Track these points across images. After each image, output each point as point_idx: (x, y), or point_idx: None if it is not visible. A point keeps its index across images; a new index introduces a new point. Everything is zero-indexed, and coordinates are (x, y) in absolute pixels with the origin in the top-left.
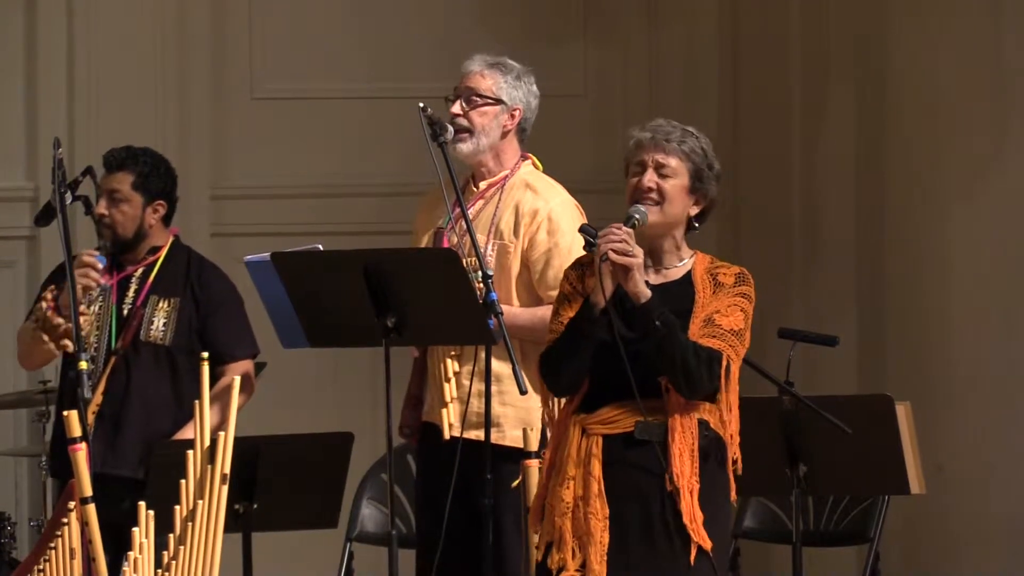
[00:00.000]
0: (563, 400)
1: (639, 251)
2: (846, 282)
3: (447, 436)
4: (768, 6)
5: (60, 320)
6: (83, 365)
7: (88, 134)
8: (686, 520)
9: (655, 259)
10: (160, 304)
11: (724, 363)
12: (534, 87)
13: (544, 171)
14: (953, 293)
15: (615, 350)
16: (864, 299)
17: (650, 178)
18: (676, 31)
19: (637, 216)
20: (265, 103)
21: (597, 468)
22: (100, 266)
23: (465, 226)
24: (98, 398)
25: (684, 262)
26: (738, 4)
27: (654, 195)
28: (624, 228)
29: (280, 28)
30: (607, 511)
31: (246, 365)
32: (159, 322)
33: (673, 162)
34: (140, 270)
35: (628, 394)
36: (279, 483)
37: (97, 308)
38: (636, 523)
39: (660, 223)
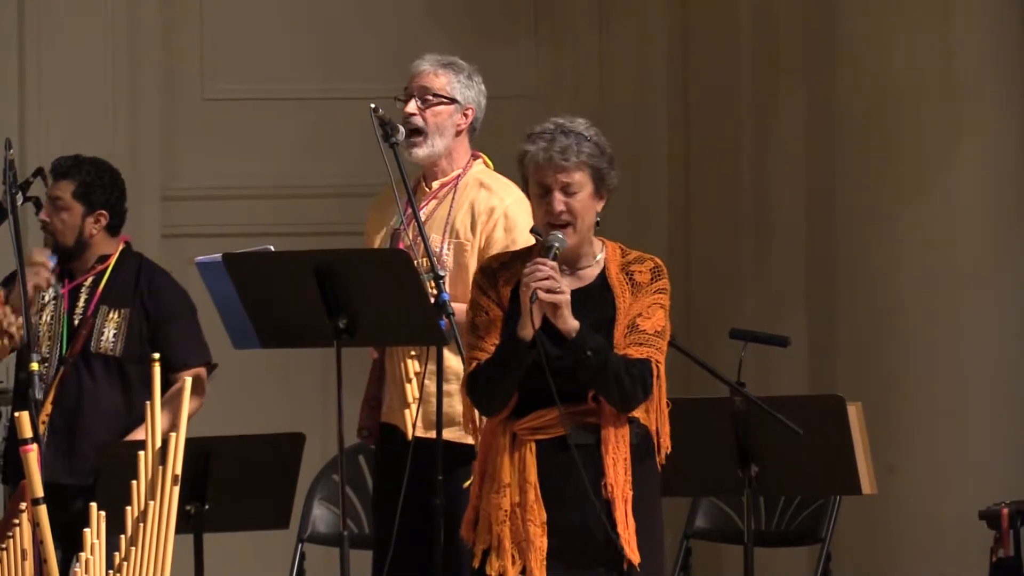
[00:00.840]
0: None
1: (565, 287)
2: (797, 282)
3: (410, 437)
4: (718, 4)
5: (7, 313)
6: (34, 366)
7: (39, 135)
8: (620, 530)
9: (569, 264)
10: (110, 315)
11: (654, 370)
12: (483, 86)
13: (495, 171)
14: (904, 293)
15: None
16: (815, 299)
17: (559, 203)
18: (626, 30)
19: (557, 245)
20: (216, 104)
21: (533, 474)
22: (51, 264)
23: (417, 227)
24: (47, 408)
25: (597, 258)
26: (688, 3)
27: (566, 216)
28: (548, 263)
29: (231, 29)
30: (544, 516)
31: (198, 372)
32: (109, 333)
33: (576, 176)
34: (90, 279)
35: (549, 399)
36: (230, 484)
37: (48, 317)
38: (573, 528)
39: (576, 240)
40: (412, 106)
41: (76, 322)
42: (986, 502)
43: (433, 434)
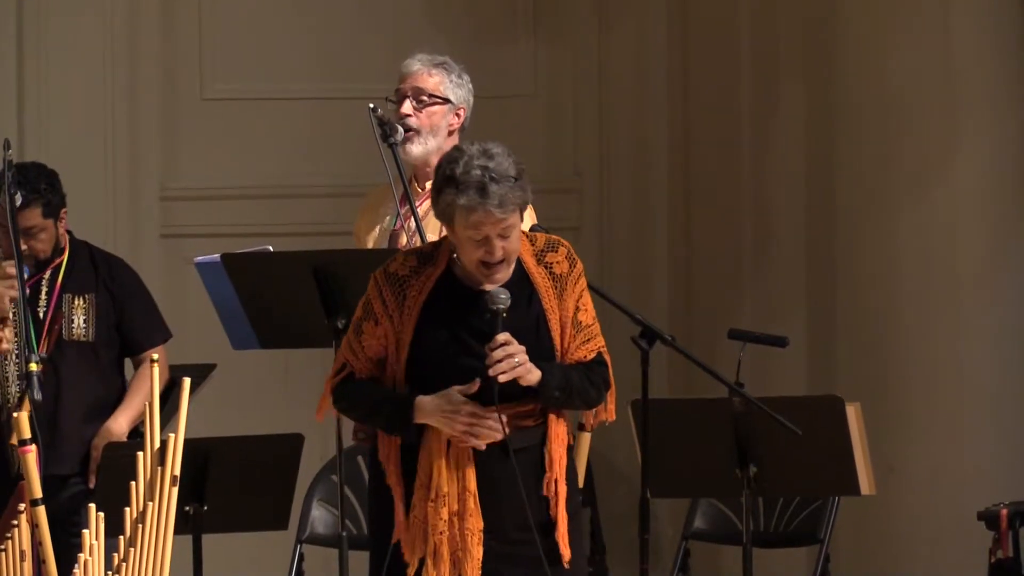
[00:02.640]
0: None
1: (522, 354)
2: (796, 283)
3: None
4: (717, 5)
5: None
6: (33, 367)
7: (39, 135)
8: (559, 527)
9: None
10: (76, 302)
11: (606, 359)
12: (471, 85)
13: None
14: (903, 294)
15: (473, 367)
16: (814, 300)
17: (499, 250)
18: (626, 30)
19: (503, 307)
20: (215, 104)
21: (473, 483)
22: (25, 276)
23: (415, 226)
24: (27, 405)
25: None
26: (688, 3)
27: (501, 266)
28: (510, 346)
29: (230, 29)
30: (482, 524)
31: (161, 351)
32: (79, 320)
33: (511, 220)
34: (48, 273)
35: (488, 399)
36: (229, 485)
37: (12, 316)
38: (510, 530)
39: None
40: (407, 106)
41: (41, 315)
42: (985, 503)
43: None
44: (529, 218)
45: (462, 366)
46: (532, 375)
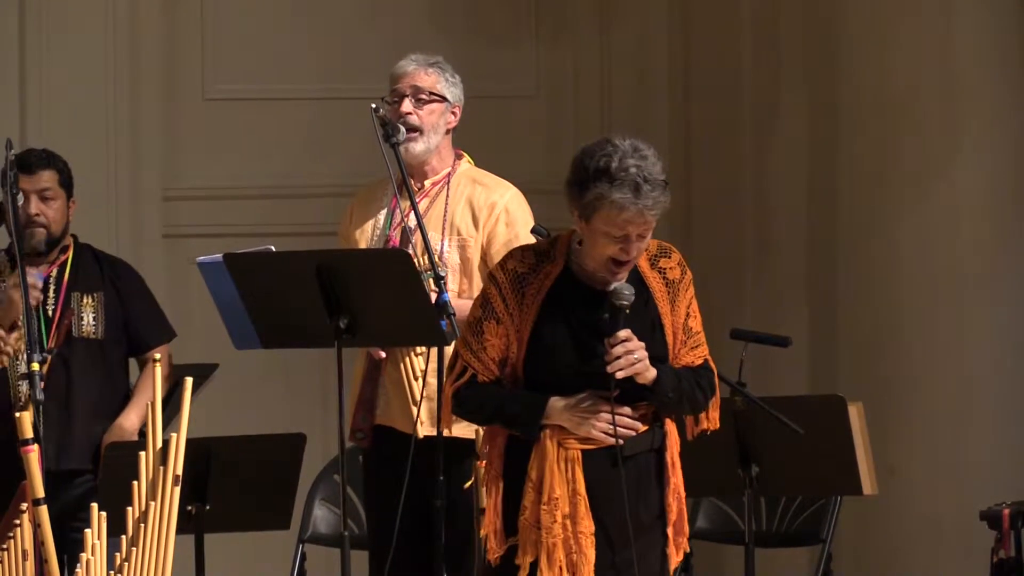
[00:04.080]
0: None
1: (642, 351)
2: (798, 283)
3: (420, 436)
4: (719, 5)
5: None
6: (35, 366)
7: (40, 136)
8: (672, 533)
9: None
10: (85, 300)
11: (713, 366)
12: (462, 85)
13: (495, 171)
14: (905, 294)
15: (591, 364)
16: (816, 300)
17: (635, 252)
18: (627, 32)
19: (627, 303)
20: (217, 104)
21: (582, 486)
22: (40, 284)
23: (415, 225)
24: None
25: None
26: (689, 5)
27: (629, 265)
28: (631, 342)
29: (232, 29)
30: (593, 527)
31: (166, 349)
32: (88, 317)
33: (653, 222)
34: (54, 271)
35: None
36: (231, 484)
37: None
38: (620, 535)
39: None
40: (407, 105)
41: (49, 312)
42: (987, 503)
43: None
44: (527, 219)
45: (579, 363)
46: (649, 374)
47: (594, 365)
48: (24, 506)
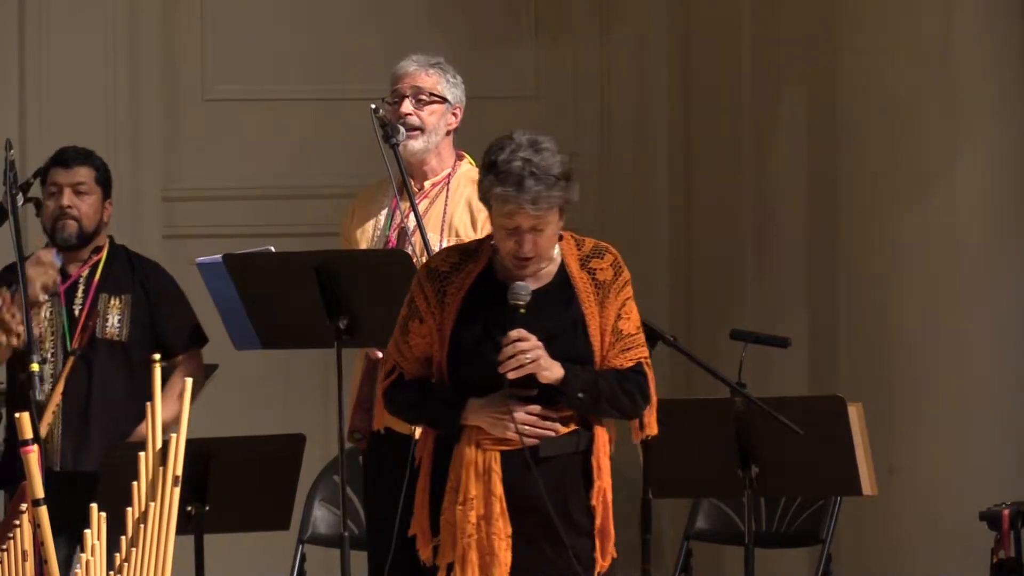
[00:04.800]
0: None
1: (537, 350)
2: (798, 284)
3: (418, 436)
4: (719, 6)
5: (15, 313)
6: (34, 367)
7: (40, 136)
8: (600, 539)
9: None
10: (112, 301)
11: (648, 372)
12: (463, 86)
13: None
14: (905, 295)
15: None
16: (816, 300)
17: (528, 244)
18: (627, 31)
19: (521, 303)
20: (216, 104)
21: (499, 487)
22: (58, 264)
23: (415, 226)
24: (57, 398)
25: (554, 255)
26: (689, 5)
27: (533, 253)
28: (525, 342)
29: (231, 30)
30: (510, 529)
31: (198, 355)
32: (114, 319)
33: (548, 215)
34: (86, 271)
35: (526, 399)
36: (231, 485)
37: (47, 312)
38: (539, 538)
39: (540, 264)
40: (407, 106)
41: (76, 312)
42: (987, 503)
43: None
44: None
45: (495, 362)
46: (551, 373)
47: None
48: (24, 506)
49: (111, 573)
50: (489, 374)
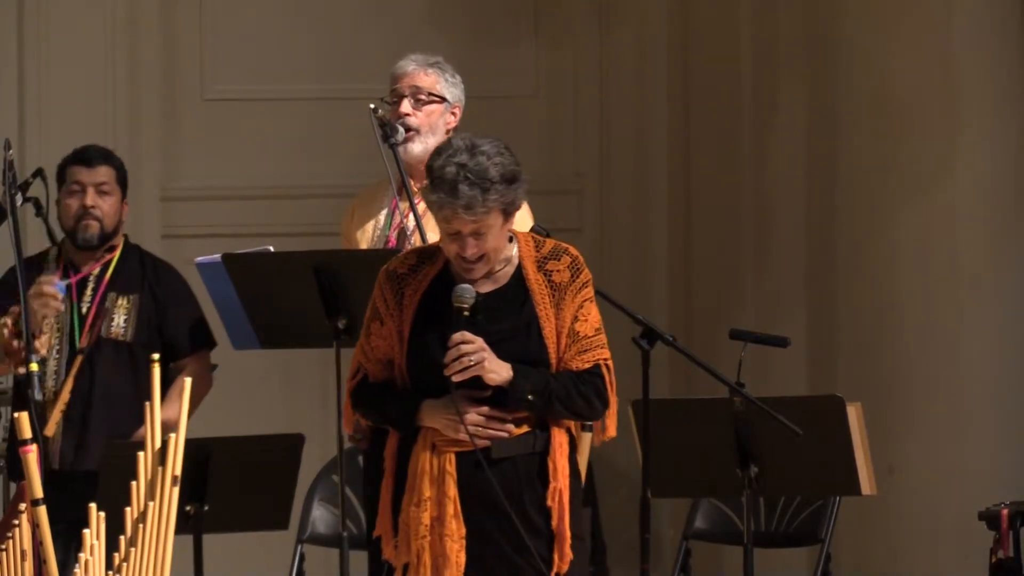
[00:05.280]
0: None
1: (482, 345)
2: (797, 283)
3: None
4: (718, 6)
5: (20, 345)
6: (33, 367)
7: (39, 135)
8: (556, 541)
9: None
10: (119, 301)
11: (606, 374)
12: (462, 86)
13: None
14: (904, 294)
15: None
16: (815, 300)
17: (471, 247)
18: (627, 31)
19: (466, 306)
20: (216, 104)
21: (452, 488)
22: (61, 296)
23: (414, 226)
24: (66, 396)
25: (511, 256)
26: (689, 6)
27: (479, 262)
28: (465, 345)
29: (231, 29)
30: (463, 531)
31: (205, 357)
32: (119, 319)
33: (486, 220)
34: (97, 269)
35: (483, 401)
36: (230, 485)
37: (52, 326)
38: (495, 539)
39: (490, 265)
40: (406, 106)
41: (84, 309)
42: (986, 503)
43: None
44: (527, 219)
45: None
46: (498, 376)
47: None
48: (23, 506)
49: (110, 572)
50: (441, 376)
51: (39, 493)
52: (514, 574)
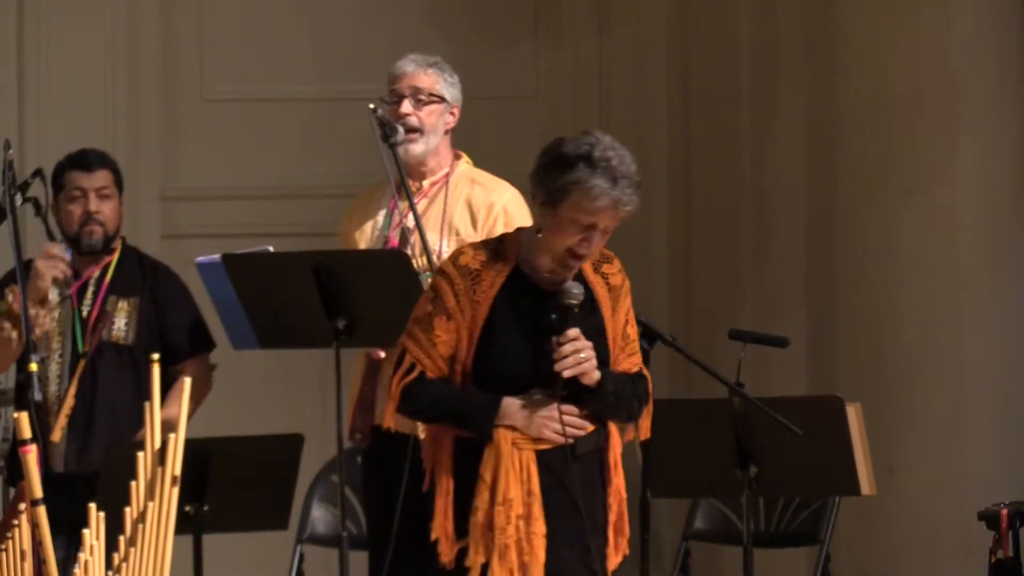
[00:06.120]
0: None
1: (590, 351)
2: (797, 283)
3: (421, 436)
4: (718, 6)
5: (36, 309)
6: (33, 367)
7: (38, 136)
8: (612, 533)
9: (558, 281)
10: (120, 304)
11: (647, 375)
12: (460, 85)
13: (494, 172)
14: (904, 294)
15: (538, 363)
16: (815, 300)
17: (595, 247)
18: (626, 31)
19: (575, 302)
20: (215, 104)
21: (537, 487)
22: (68, 257)
23: (414, 225)
24: (71, 401)
25: None
26: (688, 6)
27: (583, 260)
28: (579, 341)
29: (229, 30)
30: (545, 528)
31: (204, 360)
32: (120, 322)
33: (620, 217)
34: (96, 272)
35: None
36: (230, 485)
37: (57, 314)
38: (567, 535)
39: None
40: (407, 106)
41: (85, 313)
42: (985, 503)
43: None
44: (527, 218)
45: (527, 362)
46: (595, 375)
47: (543, 364)
48: (22, 506)
49: (109, 573)
50: (519, 374)
51: (39, 493)
52: (581, 568)
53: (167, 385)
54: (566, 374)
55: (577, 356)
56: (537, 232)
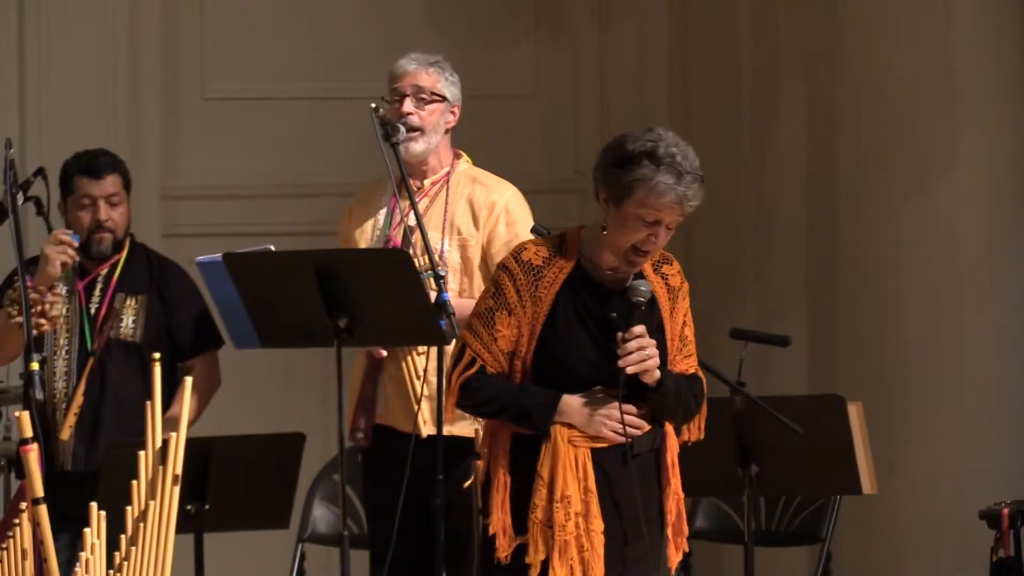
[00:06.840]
0: None
1: (654, 348)
2: (798, 282)
3: (424, 435)
4: (718, 5)
5: (35, 296)
6: (34, 366)
7: (40, 134)
8: (672, 533)
9: (621, 280)
10: (128, 302)
11: (703, 376)
12: (460, 84)
13: (495, 171)
14: (904, 293)
15: (600, 361)
16: (816, 299)
17: (661, 243)
18: (627, 31)
19: (643, 299)
20: (216, 103)
21: (594, 484)
22: (76, 243)
23: (415, 224)
24: (79, 399)
25: None
26: (688, 5)
27: (647, 256)
28: (644, 339)
29: (231, 28)
30: (603, 525)
31: (213, 357)
32: (128, 320)
33: (684, 214)
34: (105, 270)
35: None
36: (231, 484)
37: (64, 310)
38: (627, 532)
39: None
40: (408, 105)
41: (93, 310)
42: (986, 502)
43: (447, 431)
44: (527, 218)
45: (589, 359)
46: (657, 374)
47: (605, 361)
48: (23, 505)
49: (111, 572)
50: (581, 371)
51: (39, 492)
52: (637, 567)
53: (175, 383)
54: (629, 370)
55: (642, 353)
56: (602, 229)
